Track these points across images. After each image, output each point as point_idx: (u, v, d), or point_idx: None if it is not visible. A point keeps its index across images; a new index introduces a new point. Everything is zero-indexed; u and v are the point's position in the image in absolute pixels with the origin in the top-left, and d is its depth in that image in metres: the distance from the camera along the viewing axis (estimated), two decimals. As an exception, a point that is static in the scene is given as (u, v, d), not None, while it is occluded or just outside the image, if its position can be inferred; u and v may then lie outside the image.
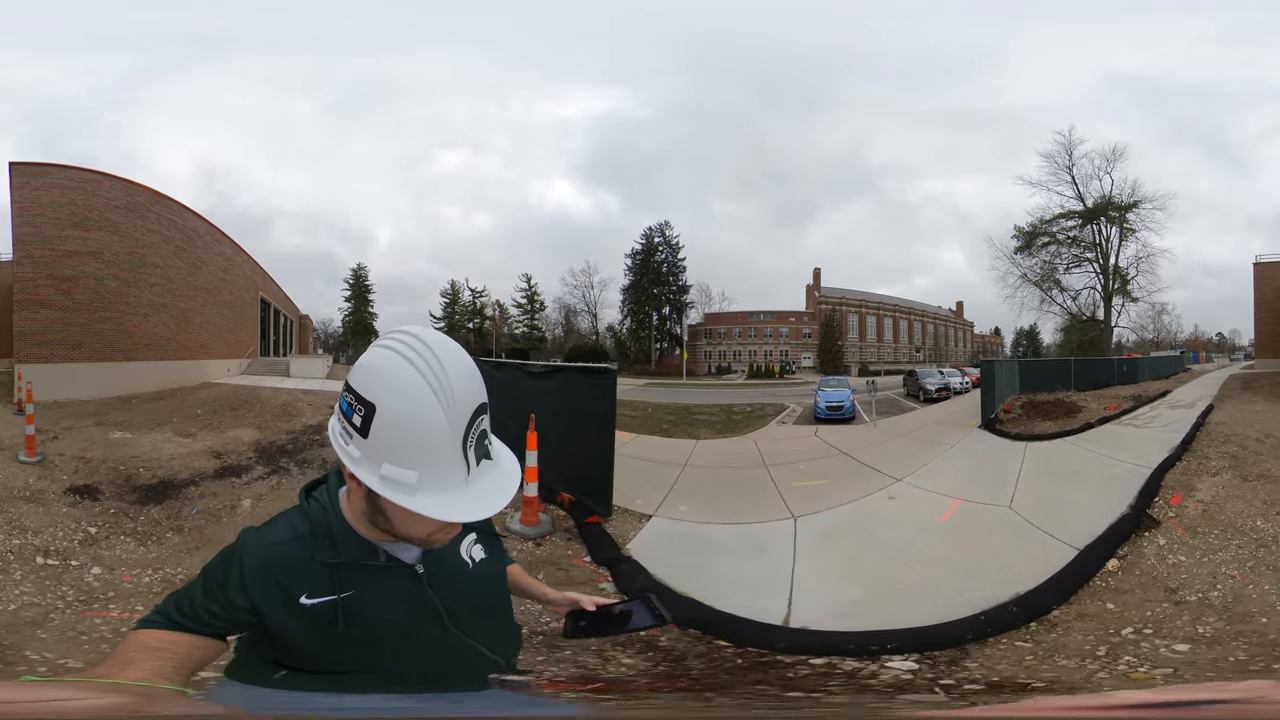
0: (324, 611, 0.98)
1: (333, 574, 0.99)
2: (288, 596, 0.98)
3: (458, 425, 0.86)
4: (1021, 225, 33.48)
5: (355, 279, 54.83)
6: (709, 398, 18.14)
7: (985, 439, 9.17)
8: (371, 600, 1.00)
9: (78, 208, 10.71)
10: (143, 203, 12.00)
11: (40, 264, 10.32)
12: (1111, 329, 32.63)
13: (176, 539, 3.76)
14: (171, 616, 1.00)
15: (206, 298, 15.03)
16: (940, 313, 52.86)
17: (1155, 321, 37.16)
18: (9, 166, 10.70)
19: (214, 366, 14.82)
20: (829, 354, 43.33)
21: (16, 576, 2.95)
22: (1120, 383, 15.50)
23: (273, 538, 1.02)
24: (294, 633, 0.99)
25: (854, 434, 11.00)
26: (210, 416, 8.72)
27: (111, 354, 11.05)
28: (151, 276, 12.14)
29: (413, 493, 0.87)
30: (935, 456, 7.88)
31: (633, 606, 1.26)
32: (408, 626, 1.03)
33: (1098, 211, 30.82)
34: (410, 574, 1.04)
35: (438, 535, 0.97)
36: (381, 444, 0.86)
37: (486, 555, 1.18)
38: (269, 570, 0.99)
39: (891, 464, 7.26)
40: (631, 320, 45.75)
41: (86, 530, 3.62)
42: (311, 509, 1.04)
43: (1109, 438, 8.30)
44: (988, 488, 5.99)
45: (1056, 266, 33.29)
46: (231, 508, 4.58)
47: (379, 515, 0.95)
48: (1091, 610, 3.44)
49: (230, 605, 0.98)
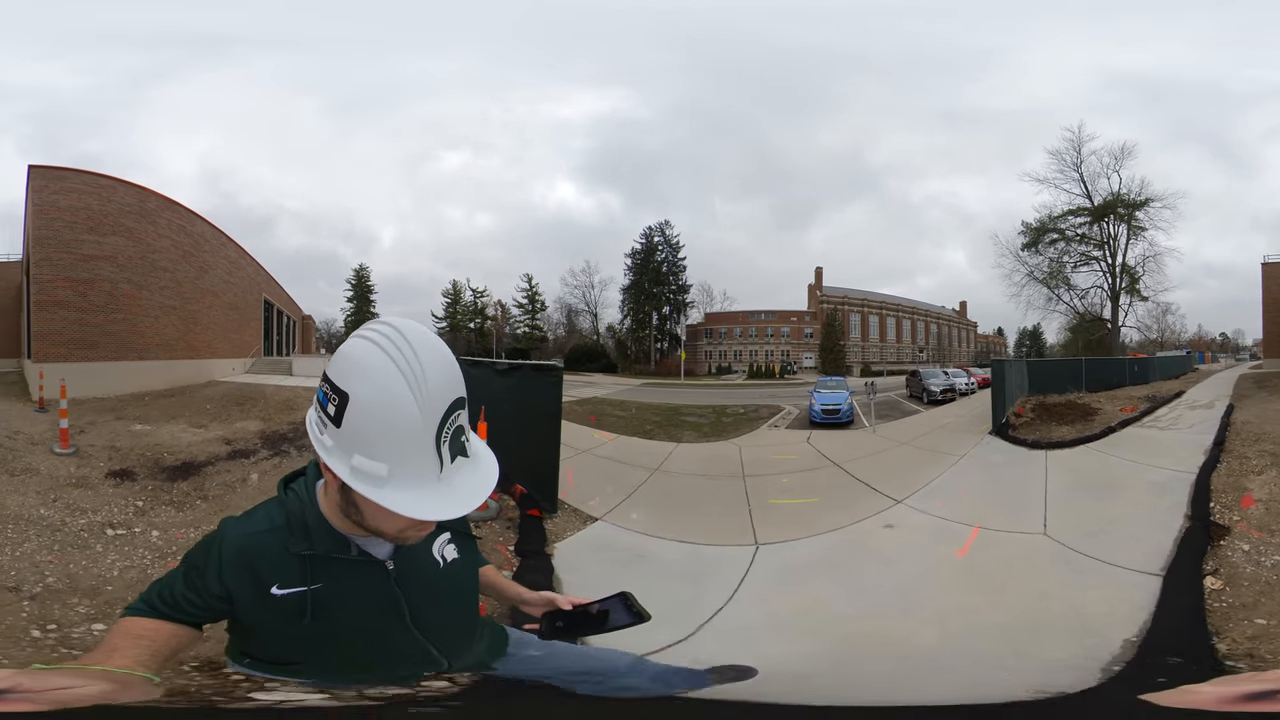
0: (293, 602, 1.00)
1: (305, 565, 1.01)
2: (260, 585, 1.00)
3: (431, 419, 0.86)
4: (1029, 221, 33.59)
5: (357, 279, 55.70)
6: (703, 398, 17.70)
7: (999, 447, 8.43)
8: (340, 594, 1.02)
9: (94, 212, 11.42)
10: (154, 208, 12.75)
11: (59, 267, 11.00)
12: (1119, 328, 32.87)
13: (205, 505, 4.53)
14: (154, 604, 1.02)
15: (213, 300, 15.79)
16: (944, 312, 53.16)
17: (1159, 321, 37.20)
18: (28, 169, 11.30)
19: (220, 366, 15.56)
20: (830, 354, 43.90)
21: (99, 549, 3.59)
22: (1131, 383, 15.14)
23: (251, 528, 1.04)
24: (262, 622, 1.01)
25: (850, 441, 10.60)
26: (219, 411, 9.42)
27: (125, 354, 11.77)
28: (161, 280, 12.88)
29: (382, 486, 0.86)
30: (943, 470, 7.01)
31: (610, 605, 1.25)
32: (370, 622, 1.04)
33: (1108, 208, 30.94)
34: (380, 569, 1.05)
35: (410, 532, 0.97)
36: (353, 434, 0.86)
37: (459, 555, 1.18)
38: (244, 559, 1.01)
39: (891, 480, 6.43)
40: (631, 320, 46.30)
41: (135, 504, 4.32)
42: (289, 500, 1.06)
43: (1135, 442, 7.87)
44: (1012, 510, 5.14)
45: (1065, 264, 33.36)
46: (243, 480, 5.40)
47: (352, 508, 0.96)
48: (1259, 631, 2.89)
49: (207, 593, 1.00)
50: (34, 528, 3.76)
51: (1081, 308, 34.05)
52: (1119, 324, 33.54)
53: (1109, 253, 32.16)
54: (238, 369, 16.80)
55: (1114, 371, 15.74)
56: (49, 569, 3.28)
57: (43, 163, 11.40)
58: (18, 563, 3.33)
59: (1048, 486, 5.84)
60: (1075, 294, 33.78)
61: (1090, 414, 9.90)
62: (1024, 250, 33.79)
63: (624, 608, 1.24)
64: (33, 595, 2.95)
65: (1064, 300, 34.22)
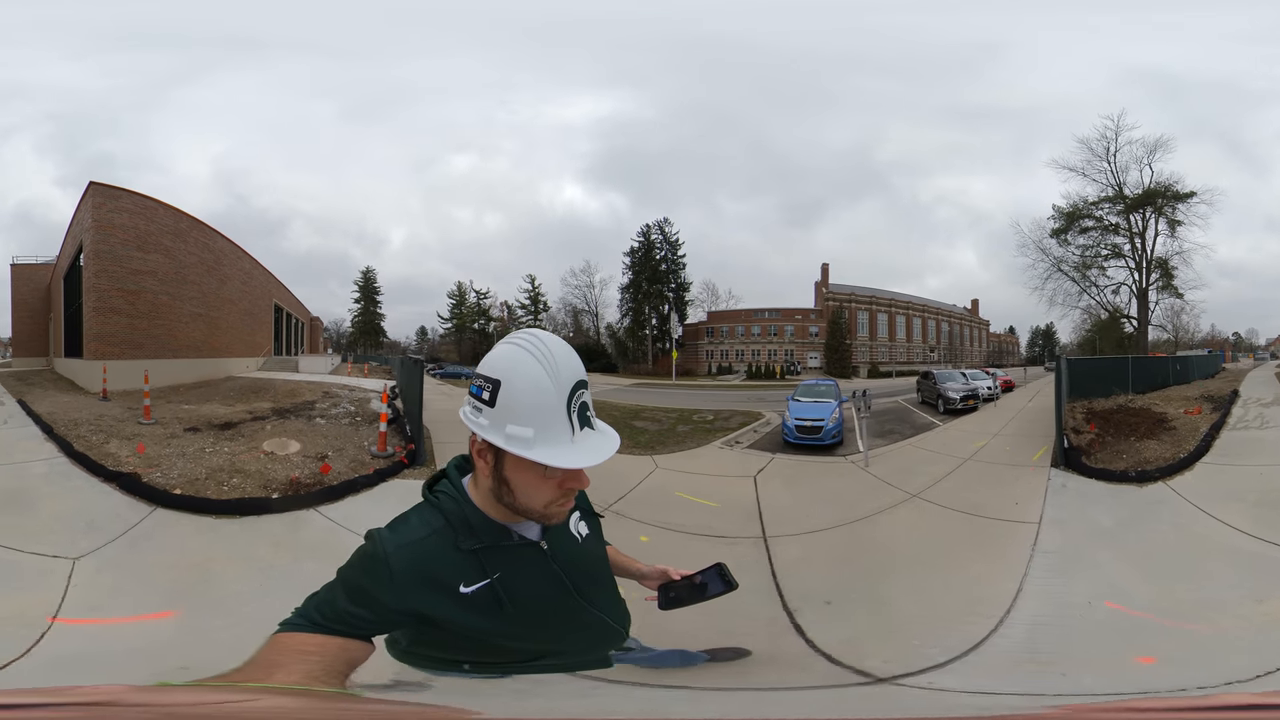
0: (484, 596, 1.20)
1: (478, 560, 1.21)
2: (446, 589, 1.19)
3: (561, 393, 1.14)
4: (1060, 205, 33.64)
5: (364, 281, 59.86)
6: (679, 401, 16.30)
7: (1084, 490, 6.14)
8: (515, 578, 1.23)
9: (140, 232, 14.48)
10: (185, 228, 16.05)
11: (114, 278, 14.02)
12: (1147, 326, 33.40)
13: (242, 440, 7.56)
14: (315, 620, 1.17)
15: (230, 307, 19.18)
16: (955, 311, 53.52)
17: (1174, 320, 37.46)
18: (89, 185, 14.03)
19: (236, 364, 18.92)
20: (836, 353, 44.68)
21: (194, 456, 6.61)
22: (1175, 383, 14.33)
23: (410, 536, 1.21)
24: (461, 622, 1.19)
25: (825, 482, 7.65)
26: (239, 397, 12.52)
27: (162, 353, 15.00)
28: (190, 291, 16.20)
29: (530, 446, 1.12)
30: (1013, 578, 4.13)
31: (708, 576, 1.52)
32: (547, 600, 1.28)
33: (1150, 197, 30.78)
34: (537, 550, 1.28)
35: (554, 506, 1.21)
36: (506, 410, 1.13)
37: (589, 531, 1.44)
38: (420, 570, 1.17)
39: (896, 617, 3.79)
40: (630, 319, 48.04)
41: (207, 441, 7.39)
42: (442, 502, 1.25)
43: (1251, 446, 6.85)
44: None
45: (1099, 253, 33.22)
46: (265, 428, 8.43)
47: (504, 488, 1.19)
48: None
49: (382, 609, 1.17)
50: (167, 456, 6.75)
51: (1111, 304, 34.40)
52: (1147, 321, 34.37)
53: (1141, 245, 32.31)
54: (251, 366, 20.18)
55: (1159, 371, 14.84)
56: (196, 469, 6.26)
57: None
58: (183, 471, 6.28)
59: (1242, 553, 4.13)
60: (1107, 291, 34.00)
61: (1161, 421, 8.57)
62: (1053, 237, 33.81)
63: (719, 578, 1.50)
64: (191, 480, 5.88)
65: (1091, 297, 34.34)
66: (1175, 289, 31.86)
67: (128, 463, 6.18)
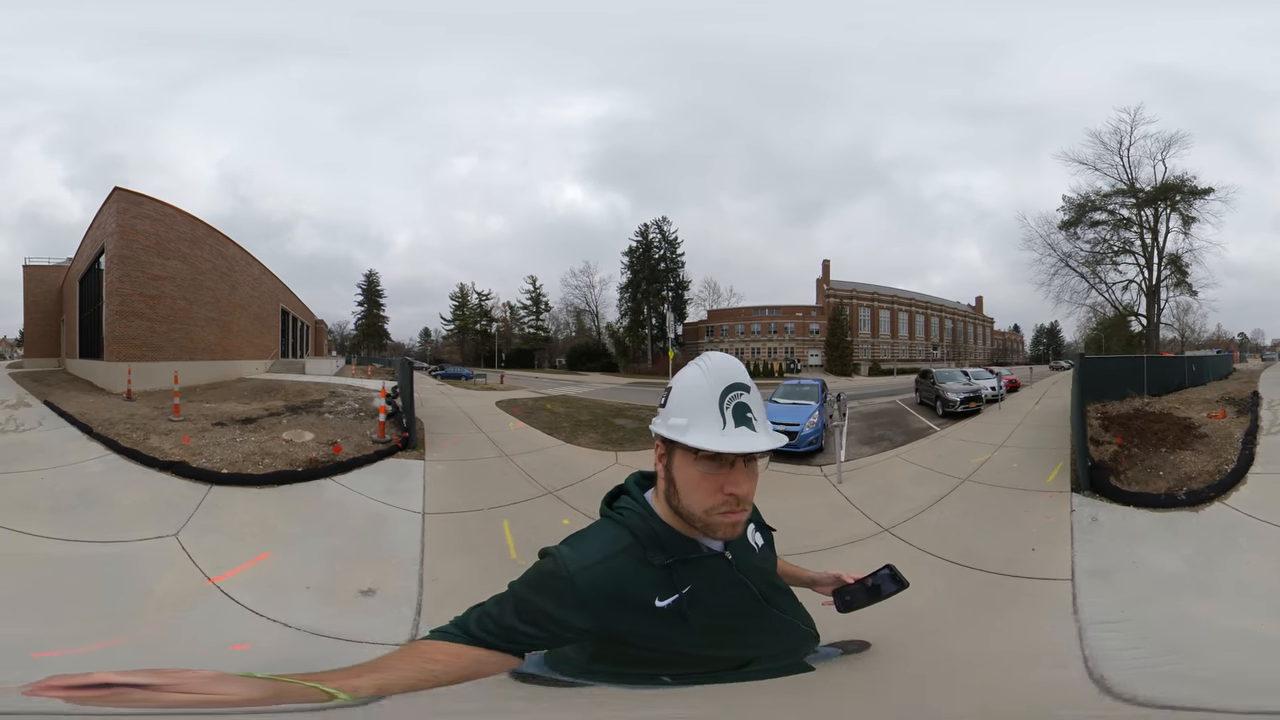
0: (675, 609, 1.27)
1: (670, 574, 1.28)
2: (640, 605, 1.26)
3: (714, 388, 1.28)
4: (1070, 196, 32.92)
5: (368, 284, 61.83)
6: (652, 399, 15.12)
7: (1123, 526, 4.99)
8: (706, 589, 1.31)
9: (160, 238, 15.68)
10: (201, 235, 17.49)
11: (136, 283, 15.16)
12: (1157, 324, 32.32)
13: (264, 431, 8.92)
14: (470, 631, 1.25)
15: (241, 311, 20.65)
16: (959, 308, 54.00)
17: (1180, 319, 35.57)
18: (114, 191, 14.99)
19: (246, 365, 20.40)
20: (837, 351, 45.54)
21: (228, 445, 7.99)
22: (1190, 384, 13.93)
23: (595, 555, 1.28)
24: (657, 635, 1.26)
25: (788, 500, 6.63)
26: (252, 396, 13.91)
27: (180, 355, 16.39)
28: (205, 296, 17.65)
29: (684, 432, 1.26)
30: (1072, 678, 2.81)
31: (879, 577, 1.60)
32: (738, 609, 1.36)
33: (1166, 191, 30.90)
34: (723, 560, 1.36)
35: (716, 515, 1.27)
36: (671, 406, 1.32)
37: (764, 541, 1.54)
38: (610, 590, 1.24)
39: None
40: (630, 318, 49.18)
41: (233, 433, 8.76)
42: (627, 518, 1.34)
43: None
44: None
45: (1111, 247, 32.88)
46: (281, 422, 9.83)
47: (671, 488, 1.30)
48: None
49: (563, 627, 1.24)
50: (206, 446, 8.12)
51: (1120, 301, 33.46)
52: (1156, 320, 32.50)
53: (1153, 240, 31.58)
54: (260, 368, 21.68)
55: (1174, 372, 14.25)
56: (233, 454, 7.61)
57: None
58: (223, 457, 7.65)
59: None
60: (1116, 288, 33.23)
61: (1188, 427, 8.02)
62: (1063, 229, 33.03)
63: (890, 578, 1.58)
64: (232, 462, 7.22)
65: (1100, 294, 33.62)
66: (1189, 285, 31.88)
67: (173, 454, 7.51)
